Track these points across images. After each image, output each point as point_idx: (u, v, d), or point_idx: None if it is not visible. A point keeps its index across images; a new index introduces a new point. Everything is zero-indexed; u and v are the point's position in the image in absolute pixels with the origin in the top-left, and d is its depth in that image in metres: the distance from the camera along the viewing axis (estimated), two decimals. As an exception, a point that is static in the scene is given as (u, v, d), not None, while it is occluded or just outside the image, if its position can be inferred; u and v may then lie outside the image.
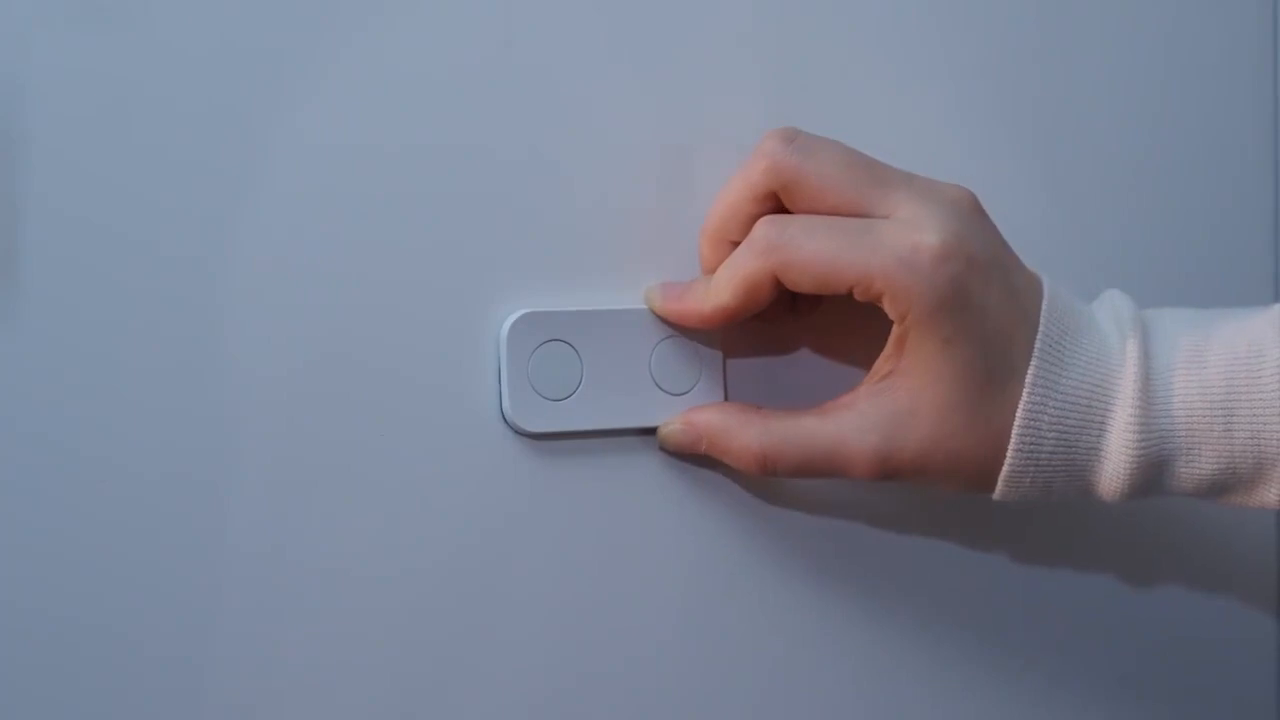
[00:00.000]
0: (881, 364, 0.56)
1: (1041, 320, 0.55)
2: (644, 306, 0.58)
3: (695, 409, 0.58)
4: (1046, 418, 0.54)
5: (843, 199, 0.55)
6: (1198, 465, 0.54)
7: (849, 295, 0.54)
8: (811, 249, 0.54)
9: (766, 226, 0.55)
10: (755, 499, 0.60)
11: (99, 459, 0.51)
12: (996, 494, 0.56)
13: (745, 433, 0.56)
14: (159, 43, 0.52)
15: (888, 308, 0.54)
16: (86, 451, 0.51)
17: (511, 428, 0.57)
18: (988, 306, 0.54)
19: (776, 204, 0.56)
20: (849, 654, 0.62)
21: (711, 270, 0.58)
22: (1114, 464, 0.55)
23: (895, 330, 0.55)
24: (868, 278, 0.53)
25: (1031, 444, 0.54)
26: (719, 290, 0.56)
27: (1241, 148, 0.69)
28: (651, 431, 0.59)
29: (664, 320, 0.58)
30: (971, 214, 0.55)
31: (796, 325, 0.60)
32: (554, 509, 0.58)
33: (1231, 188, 0.69)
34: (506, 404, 0.56)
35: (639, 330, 0.58)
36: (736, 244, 0.56)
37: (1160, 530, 0.68)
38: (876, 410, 0.55)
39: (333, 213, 0.54)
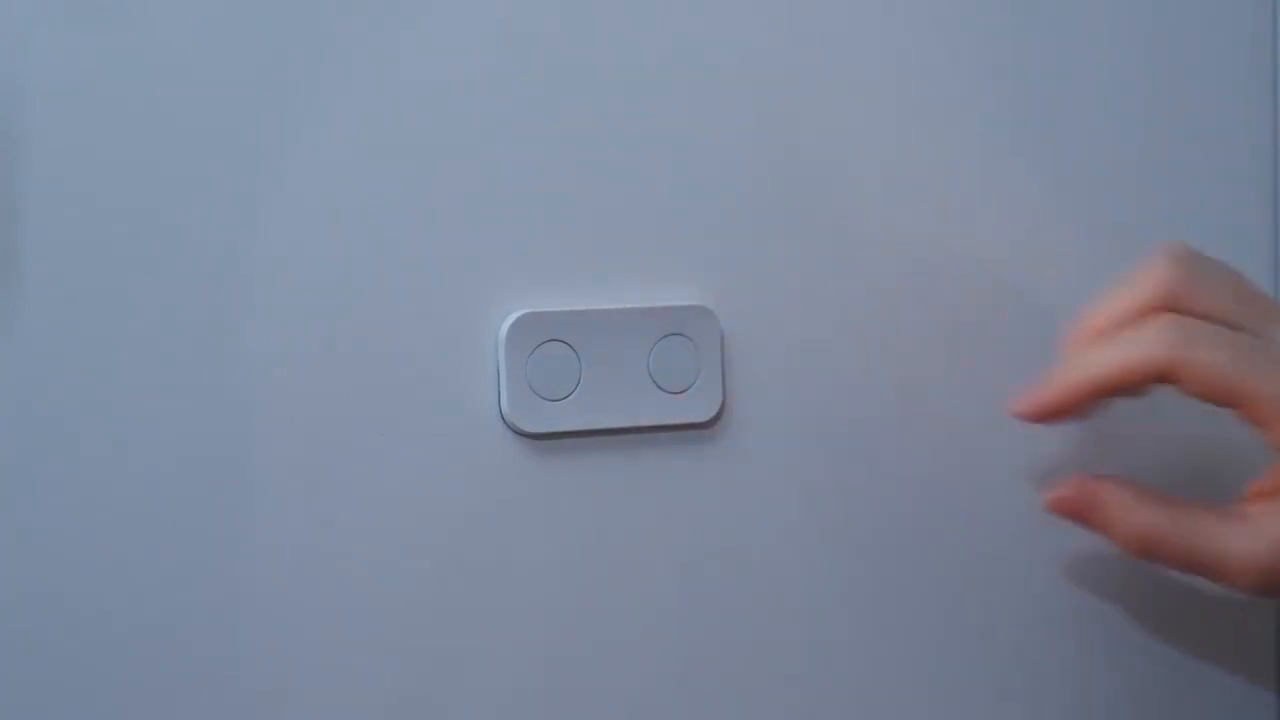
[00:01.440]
0: (1274, 487, 0.57)
1: None
2: (641, 305, 0.58)
3: (1089, 478, 0.58)
4: None
5: (1230, 322, 0.56)
6: None
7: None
8: (1213, 356, 0.55)
9: (1173, 322, 0.55)
10: (754, 498, 0.60)
11: (100, 459, 0.52)
12: None
13: (1139, 513, 0.57)
14: (159, 42, 0.52)
15: (1269, 434, 0.55)
16: (87, 452, 0.52)
17: (510, 428, 0.57)
18: None
19: None
20: (850, 654, 0.62)
21: None
22: None
23: (1276, 460, 0.56)
24: (1258, 402, 0.54)
25: None
26: (1097, 365, 0.56)
27: (1241, 148, 0.69)
28: (650, 430, 0.59)
29: (1039, 421, 0.58)
30: None
31: None
32: (553, 509, 0.58)
33: (1231, 188, 0.69)
34: (505, 404, 0.57)
35: (636, 329, 0.58)
36: None
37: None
38: (1271, 527, 0.56)
39: (333, 214, 0.55)
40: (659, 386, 0.59)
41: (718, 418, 0.60)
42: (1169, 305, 0.56)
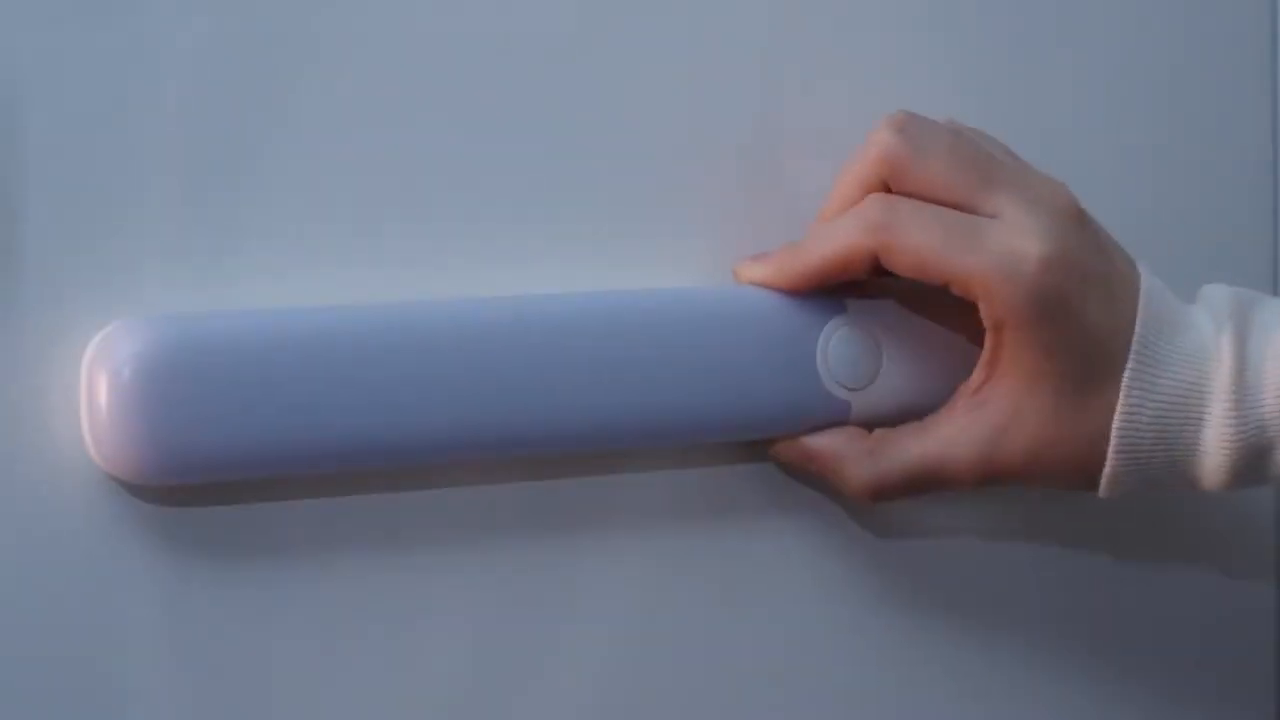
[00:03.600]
0: (977, 374, 0.57)
1: (1138, 323, 0.55)
2: None
3: (815, 435, 0.58)
4: (1144, 417, 0.55)
5: (950, 196, 0.55)
6: None
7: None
8: (917, 238, 0.54)
9: (877, 204, 0.55)
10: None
11: None
12: (1101, 493, 0.57)
13: (857, 467, 0.57)
14: (159, 41, 0.52)
15: (983, 311, 0.55)
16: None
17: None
18: (1085, 315, 0.55)
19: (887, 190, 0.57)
20: (850, 656, 0.63)
21: None
22: (1214, 458, 0.55)
23: (990, 339, 0.55)
24: (967, 278, 0.54)
25: (1131, 444, 0.55)
26: (813, 252, 0.56)
27: (1241, 148, 0.69)
28: None
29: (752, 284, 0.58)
30: (1075, 221, 0.56)
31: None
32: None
33: (1231, 188, 0.69)
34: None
35: None
36: None
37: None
38: (978, 421, 0.56)
39: (333, 216, 0.55)
40: None
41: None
42: (888, 178, 0.56)
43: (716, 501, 0.60)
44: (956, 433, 0.56)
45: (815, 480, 0.59)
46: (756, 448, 0.59)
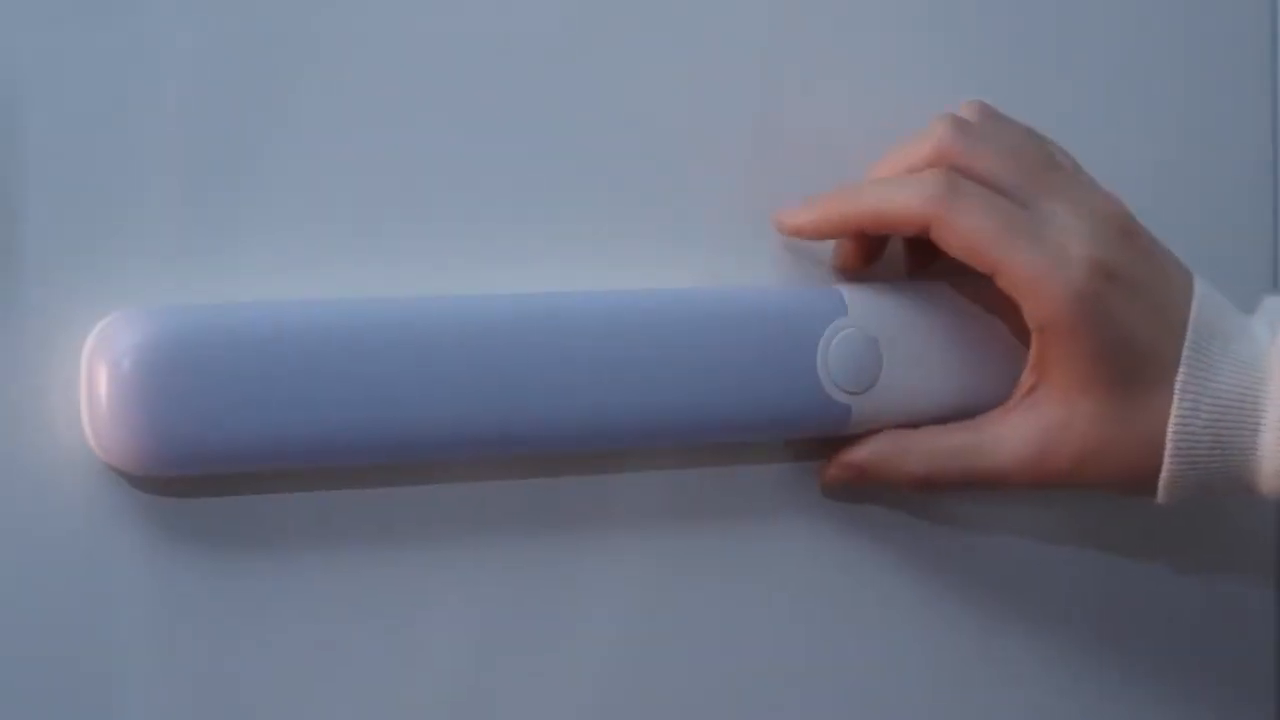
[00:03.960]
0: (1028, 376, 0.57)
1: (1189, 330, 0.56)
2: None
3: (853, 447, 0.58)
4: (1199, 422, 0.56)
5: (1006, 188, 0.56)
6: None
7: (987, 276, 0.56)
8: (974, 220, 0.55)
9: (941, 176, 0.55)
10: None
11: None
12: (1159, 498, 0.57)
13: (909, 461, 0.58)
14: (159, 40, 0.52)
15: (1027, 311, 0.55)
16: None
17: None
18: (1130, 322, 0.55)
19: None
20: (851, 657, 0.63)
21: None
22: (1272, 463, 0.56)
23: (1035, 341, 0.56)
24: (1015, 270, 0.54)
25: (1188, 448, 0.56)
26: (865, 202, 0.56)
27: (1241, 148, 0.69)
28: None
29: (791, 234, 0.58)
30: (1125, 230, 0.57)
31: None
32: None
33: (1231, 188, 0.69)
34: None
35: None
36: None
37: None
38: (1029, 422, 0.56)
39: (331, 219, 0.55)
40: None
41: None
42: (947, 161, 0.56)
43: (716, 502, 0.60)
44: (1008, 432, 0.57)
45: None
46: (756, 448, 0.59)
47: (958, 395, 0.59)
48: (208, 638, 0.52)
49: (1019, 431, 0.57)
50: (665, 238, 0.59)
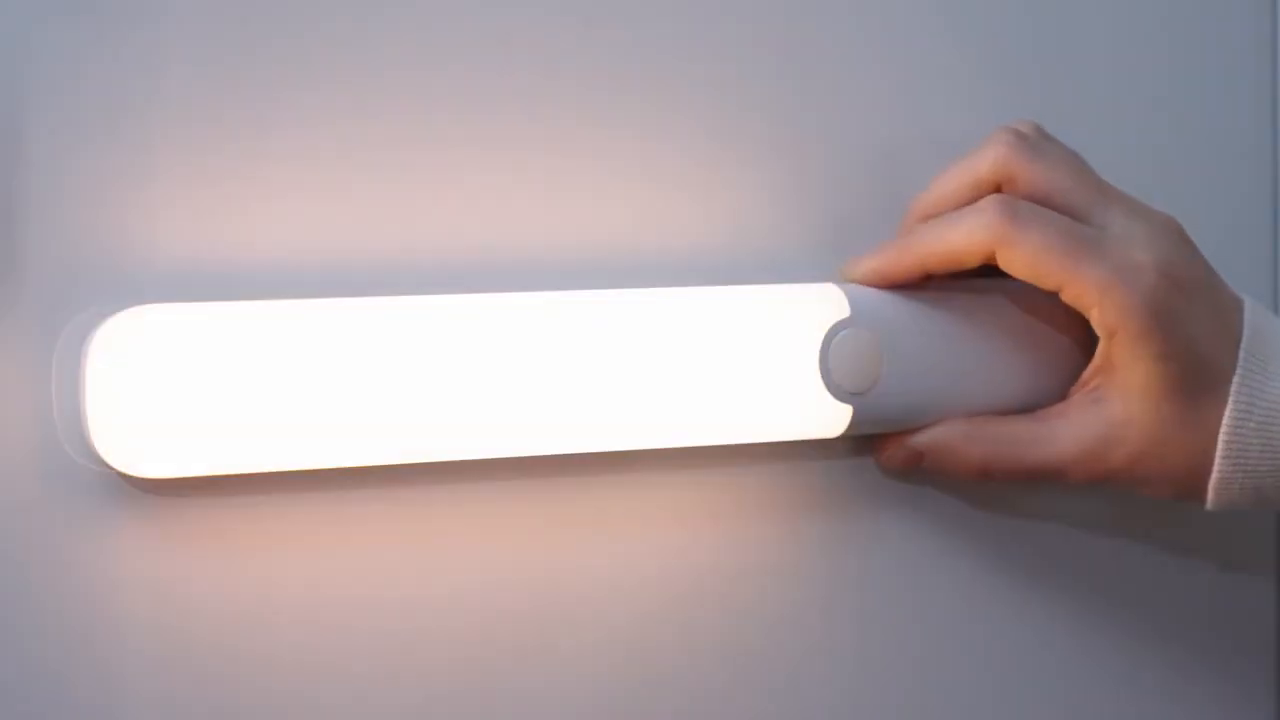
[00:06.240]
0: (1091, 375, 0.58)
1: (1244, 334, 0.57)
2: None
3: (915, 432, 0.59)
4: (1251, 424, 0.57)
5: (1063, 205, 0.57)
6: None
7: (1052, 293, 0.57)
8: (1038, 239, 0.56)
9: (1000, 203, 0.56)
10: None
11: None
12: (1209, 502, 0.58)
13: (968, 449, 0.59)
14: (160, 39, 0.52)
15: (1096, 319, 0.56)
16: None
17: None
18: (1195, 325, 0.56)
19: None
20: (850, 659, 0.63)
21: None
22: None
23: (1103, 346, 0.57)
24: (1083, 284, 0.56)
25: (1239, 450, 0.57)
26: (929, 244, 0.57)
27: (1241, 148, 0.69)
28: None
29: (861, 282, 0.58)
30: (1182, 238, 0.58)
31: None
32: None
33: (1231, 188, 0.69)
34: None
35: None
36: None
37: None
38: (1090, 420, 0.58)
39: (332, 214, 0.55)
40: None
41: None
42: (1003, 182, 0.58)
43: (716, 503, 0.60)
44: (1069, 425, 0.58)
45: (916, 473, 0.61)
46: (756, 449, 0.59)
47: (958, 396, 0.59)
48: (205, 637, 0.53)
49: (1080, 425, 0.58)
50: (665, 239, 0.59)
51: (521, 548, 0.57)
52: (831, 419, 0.58)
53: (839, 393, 0.57)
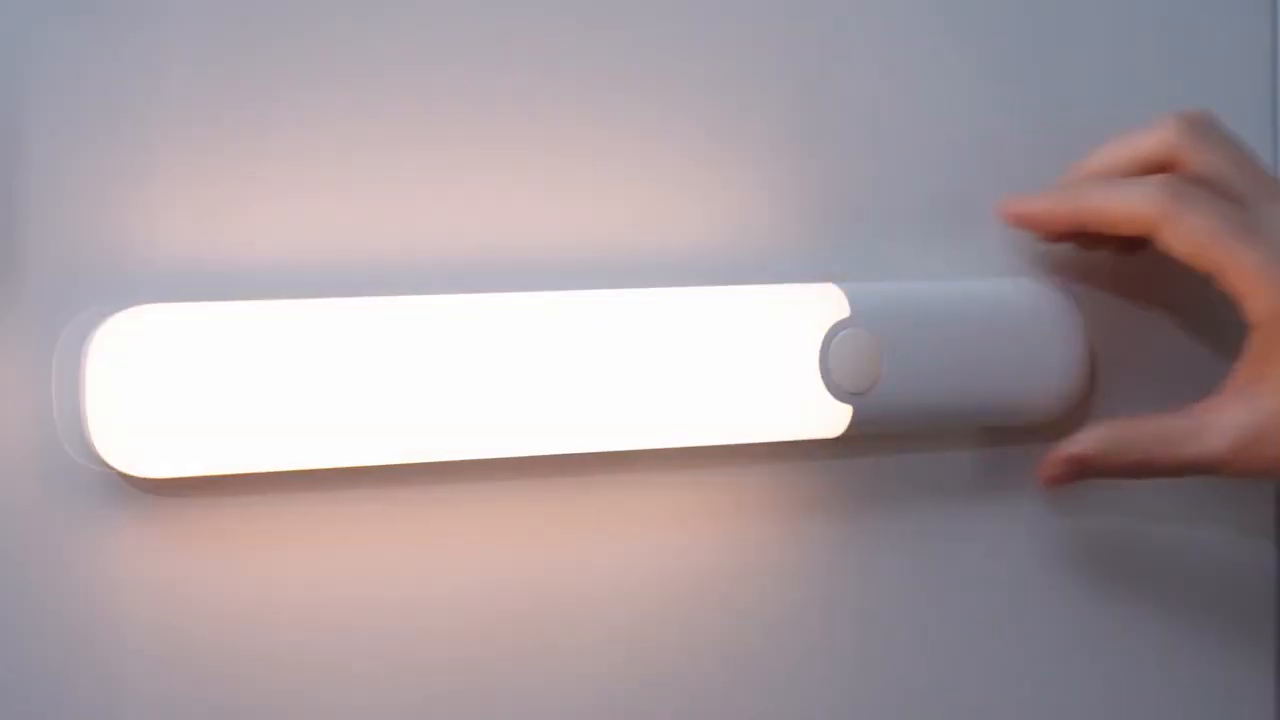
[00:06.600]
0: (1245, 369, 0.58)
1: None
2: None
3: (1071, 442, 0.59)
4: None
5: (1226, 195, 0.57)
6: None
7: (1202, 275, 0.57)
8: (1202, 221, 0.56)
9: (1168, 181, 0.57)
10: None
11: None
12: None
13: (1123, 451, 0.59)
14: (160, 39, 0.52)
15: (1250, 306, 0.56)
16: None
17: None
18: None
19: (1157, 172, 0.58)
20: (851, 661, 0.63)
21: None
22: None
23: (1256, 335, 0.57)
24: (1240, 269, 0.56)
25: None
26: (1094, 199, 0.58)
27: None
28: None
29: (1015, 223, 0.59)
30: None
31: None
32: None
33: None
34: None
35: None
36: None
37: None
38: (1247, 412, 0.57)
39: (332, 214, 0.55)
40: None
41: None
42: (1169, 162, 0.58)
43: (716, 503, 0.60)
44: (1225, 419, 0.58)
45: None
46: (756, 449, 0.59)
47: (958, 395, 0.59)
48: (205, 637, 0.53)
49: (1236, 419, 0.57)
50: (665, 239, 0.59)
51: (521, 548, 0.57)
52: (831, 419, 0.57)
53: (839, 393, 0.57)
